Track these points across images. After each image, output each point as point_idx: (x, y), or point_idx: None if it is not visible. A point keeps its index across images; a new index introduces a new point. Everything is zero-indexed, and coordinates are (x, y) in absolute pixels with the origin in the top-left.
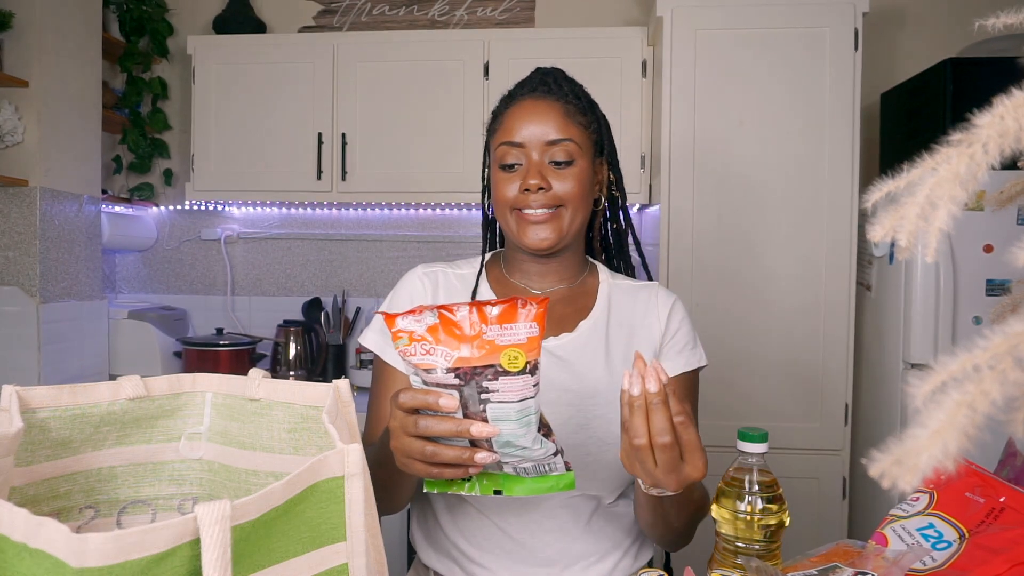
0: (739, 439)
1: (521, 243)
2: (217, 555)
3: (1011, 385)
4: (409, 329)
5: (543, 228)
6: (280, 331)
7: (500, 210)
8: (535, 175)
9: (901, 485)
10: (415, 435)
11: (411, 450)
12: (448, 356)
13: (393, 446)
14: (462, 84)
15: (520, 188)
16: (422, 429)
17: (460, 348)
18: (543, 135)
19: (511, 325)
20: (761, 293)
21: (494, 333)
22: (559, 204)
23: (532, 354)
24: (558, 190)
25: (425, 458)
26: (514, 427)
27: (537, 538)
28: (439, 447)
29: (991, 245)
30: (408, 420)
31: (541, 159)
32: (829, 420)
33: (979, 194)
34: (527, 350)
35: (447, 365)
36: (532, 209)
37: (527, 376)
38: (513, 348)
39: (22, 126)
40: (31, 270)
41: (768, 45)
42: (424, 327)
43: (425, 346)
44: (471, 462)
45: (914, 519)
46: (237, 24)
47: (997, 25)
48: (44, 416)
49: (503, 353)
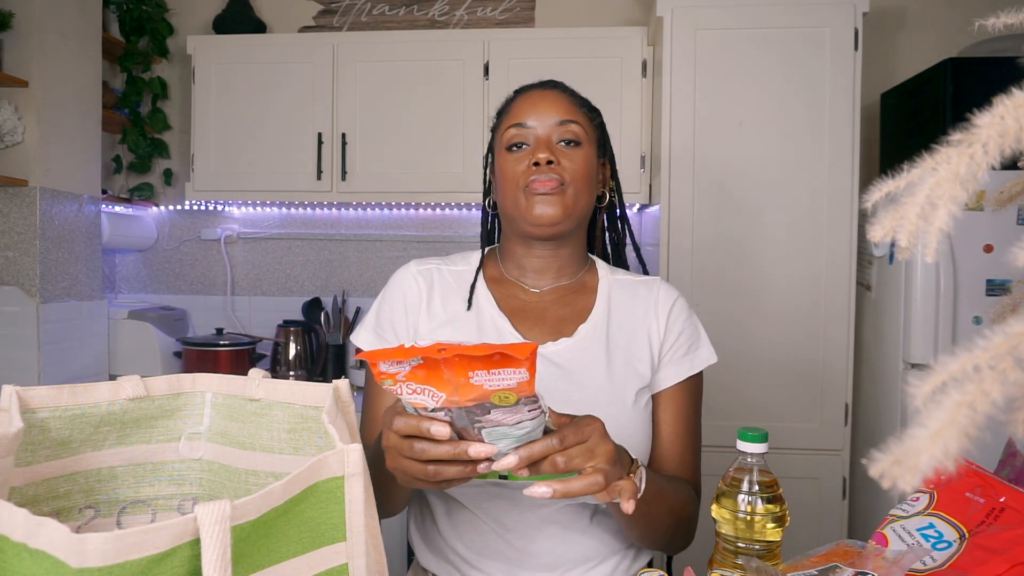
0: (739, 439)
1: (527, 219)
2: (217, 555)
3: (1011, 385)
4: (393, 372)
5: (550, 202)
6: (280, 331)
7: (508, 190)
8: (544, 149)
9: (901, 485)
10: (412, 458)
11: (411, 471)
12: (436, 397)
13: (390, 466)
14: (462, 84)
15: (529, 164)
16: (418, 453)
17: (446, 390)
18: (552, 116)
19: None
20: (761, 293)
21: (481, 379)
22: (565, 182)
23: (524, 393)
24: (566, 167)
25: (427, 477)
26: (512, 444)
27: (536, 543)
28: (440, 466)
29: (991, 245)
30: (403, 444)
31: (549, 137)
32: (829, 420)
33: (979, 194)
34: (518, 392)
35: (435, 405)
36: (540, 183)
37: (520, 406)
38: (503, 391)
39: (22, 126)
40: (31, 270)
41: (768, 45)
42: (408, 369)
43: (411, 386)
44: (473, 473)
45: (914, 519)
46: (237, 24)
47: (997, 25)
48: (44, 416)
49: (493, 395)
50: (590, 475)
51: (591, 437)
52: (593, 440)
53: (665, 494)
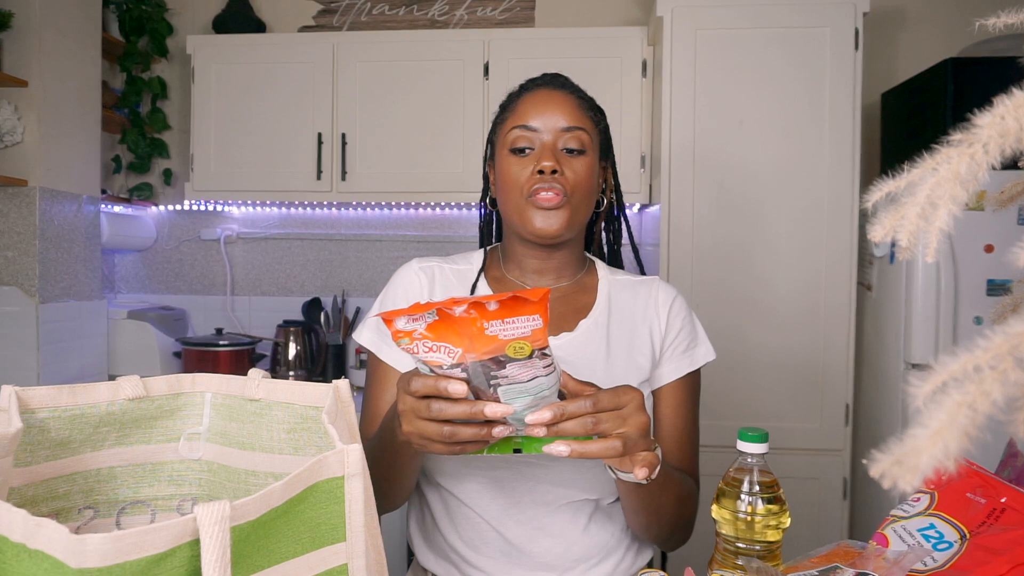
0: (739, 439)
1: (528, 229)
2: (217, 556)
3: (1012, 385)
4: (409, 329)
5: (553, 215)
6: (280, 331)
7: (509, 195)
8: (549, 157)
9: (902, 485)
10: (429, 419)
11: (428, 432)
12: (452, 352)
13: (406, 431)
14: (462, 84)
15: (533, 171)
16: (435, 412)
17: (462, 345)
18: (557, 121)
19: (512, 319)
20: (761, 293)
21: (496, 329)
22: (569, 193)
23: (539, 343)
24: (570, 177)
25: (443, 439)
26: (528, 402)
27: (536, 542)
28: (457, 427)
29: (992, 245)
30: (420, 405)
31: (554, 144)
32: (830, 420)
33: (980, 194)
34: (532, 341)
35: (452, 361)
36: (545, 192)
37: (535, 360)
38: (517, 341)
39: (22, 126)
40: (30, 270)
41: (769, 45)
42: (424, 326)
43: (427, 344)
44: (489, 437)
45: (915, 519)
46: (237, 24)
47: (997, 25)
48: (43, 416)
49: (508, 346)
50: (610, 440)
51: (627, 406)
52: (628, 409)
53: (674, 482)
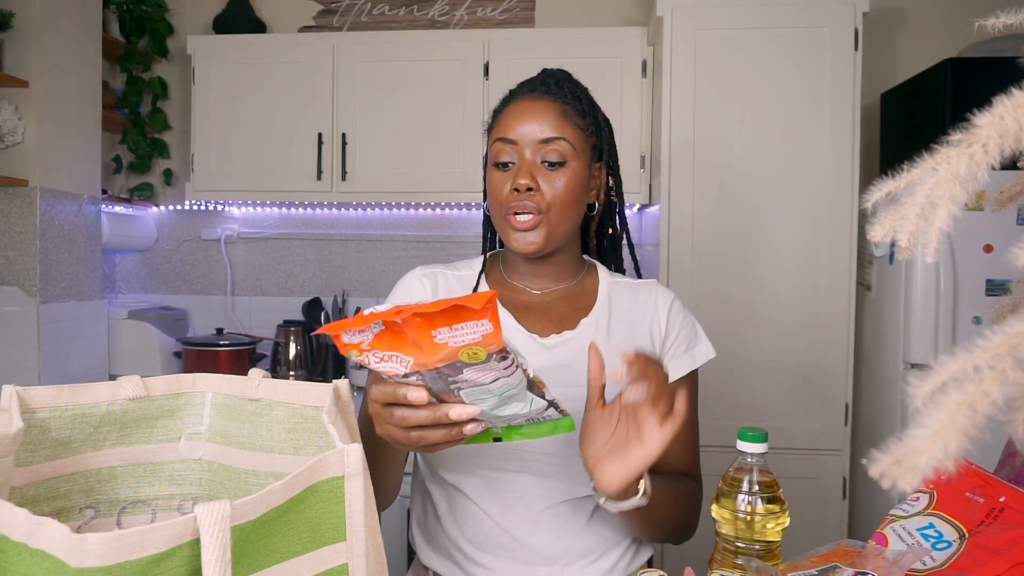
0: (739, 439)
1: (509, 244)
2: (217, 555)
3: (1011, 385)
4: (356, 342)
5: (529, 235)
6: (280, 331)
7: (494, 209)
8: (525, 174)
9: (901, 485)
10: (394, 425)
11: (396, 437)
12: (404, 361)
13: (379, 432)
14: (462, 84)
15: (511, 188)
16: (398, 420)
17: (413, 354)
18: (537, 133)
19: (459, 326)
20: (761, 293)
21: (445, 336)
22: (544, 210)
23: (492, 347)
24: (546, 193)
25: (413, 443)
26: (494, 402)
27: (538, 536)
28: (424, 431)
29: (991, 245)
30: (384, 412)
31: (533, 158)
32: (829, 420)
33: (979, 194)
34: (485, 345)
35: (405, 370)
36: (519, 213)
37: (493, 363)
38: (469, 347)
39: (22, 126)
40: (31, 270)
41: (768, 45)
42: (371, 337)
43: (378, 355)
44: (460, 436)
45: (914, 519)
46: (237, 24)
47: (997, 25)
48: (44, 416)
49: (461, 352)
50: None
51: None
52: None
53: (668, 495)
